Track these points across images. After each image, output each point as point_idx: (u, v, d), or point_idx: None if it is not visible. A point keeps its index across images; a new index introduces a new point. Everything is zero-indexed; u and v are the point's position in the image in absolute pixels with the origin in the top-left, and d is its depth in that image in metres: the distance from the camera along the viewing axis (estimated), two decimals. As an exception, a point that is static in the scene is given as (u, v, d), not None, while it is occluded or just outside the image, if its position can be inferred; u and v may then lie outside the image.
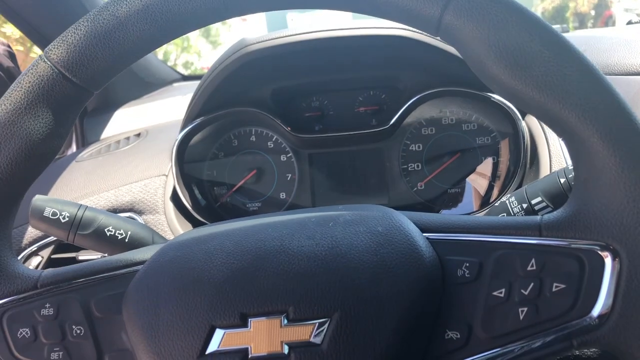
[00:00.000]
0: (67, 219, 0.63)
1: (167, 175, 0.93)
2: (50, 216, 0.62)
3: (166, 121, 1.18)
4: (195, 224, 0.90)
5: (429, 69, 0.88)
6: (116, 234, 0.64)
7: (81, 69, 0.44)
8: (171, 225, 0.87)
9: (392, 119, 0.90)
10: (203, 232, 0.50)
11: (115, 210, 0.89)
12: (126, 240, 0.64)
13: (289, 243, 0.45)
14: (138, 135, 1.13)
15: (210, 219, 0.91)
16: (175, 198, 0.90)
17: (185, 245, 0.48)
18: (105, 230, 0.64)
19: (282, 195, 0.96)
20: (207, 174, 0.97)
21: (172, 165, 0.90)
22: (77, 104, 0.47)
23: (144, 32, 0.44)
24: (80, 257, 0.87)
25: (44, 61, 0.44)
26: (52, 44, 0.45)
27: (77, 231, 0.63)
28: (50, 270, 0.50)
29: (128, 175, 0.95)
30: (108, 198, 0.91)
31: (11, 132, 0.45)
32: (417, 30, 0.82)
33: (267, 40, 0.83)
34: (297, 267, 0.43)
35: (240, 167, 0.96)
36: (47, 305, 0.48)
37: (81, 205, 0.65)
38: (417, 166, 0.92)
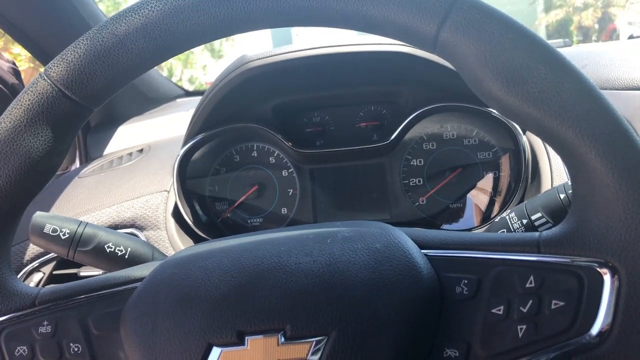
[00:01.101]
0: (67, 235, 0.63)
1: (168, 191, 0.93)
2: (50, 233, 0.63)
3: (169, 137, 1.19)
4: (197, 239, 0.90)
5: (430, 84, 0.89)
6: (116, 251, 0.64)
7: (80, 86, 0.45)
8: (172, 242, 0.87)
9: (393, 134, 0.90)
10: (201, 249, 0.50)
11: (116, 226, 0.89)
12: (126, 256, 0.64)
13: (287, 260, 0.45)
14: (140, 151, 1.14)
15: (212, 234, 0.91)
16: (176, 214, 0.91)
17: (183, 263, 0.48)
18: (105, 246, 0.64)
19: (284, 211, 0.96)
20: (208, 190, 0.97)
21: (173, 181, 0.90)
22: (77, 121, 0.48)
23: (143, 50, 0.44)
24: (82, 274, 0.87)
25: (44, 79, 0.45)
26: (51, 62, 0.45)
27: (77, 248, 0.63)
28: (48, 287, 0.50)
29: (130, 191, 0.95)
30: (110, 214, 0.91)
31: (11, 150, 0.45)
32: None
33: (267, 57, 0.83)
34: (295, 285, 0.43)
35: (241, 183, 0.96)
36: (45, 323, 0.48)
37: (81, 221, 0.65)
38: (419, 181, 0.92)
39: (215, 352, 0.42)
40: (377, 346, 0.41)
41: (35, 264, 0.88)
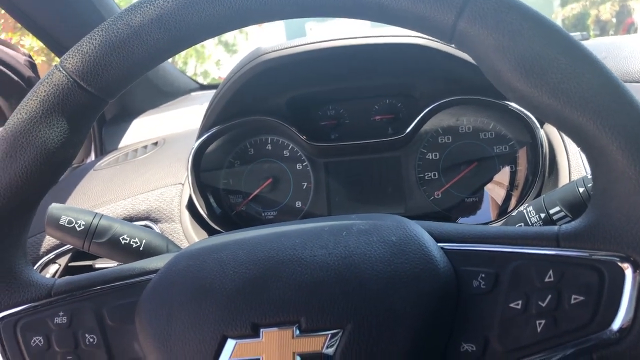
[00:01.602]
0: (82, 227, 0.63)
1: (183, 184, 0.93)
2: (65, 224, 0.63)
3: (183, 130, 1.19)
4: (211, 232, 0.90)
5: (446, 77, 0.88)
6: (131, 243, 0.64)
7: (96, 78, 0.45)
8: (187, 234, 0.87)
9: (408, 127, 0.89)
10: (216, 241, 0.50)
11: (131, 219, 0.90)
12: (141, 248, 0.64)
13: (302, 252, 0.45)
14: (155, 144, 1.14)
15: (226, 227, 0.91)
16: (191, 207, 0.91)
17: (198, 254, 0.48)
18: (120, 238, 0.64)
19: (298, 204, 0.95)
20: (223, 183, 0.97)
21: (188, 174, 0.90)
22: (92, 113, 0.48)
23: (158, 41, 0.44)
24: (97, 265, 0.88)
25: (59, 70, 0.45)
26: (67, 53, 0.45)
27: (92, 239, 0.63)
28: (64, 278, 0.50)
29: (145, 183, 0.95)
30: (125, 206, 0.91)
31: (27, 141, 0.45)
32: (434, 38, 0.82)
33: (282, 49, 0.83)
34: (310, 277, 0.43)
35: (256, 176, 0.96)
36: (61, 313, 0.48)
37: (97, 213, 0.65)
38: (434, 175, 0.91)
39: (230, 343, 0.42)
40: (392, 340, 0.41)
41: (51, 255, 0.89)
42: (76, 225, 0.63)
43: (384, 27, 0.84)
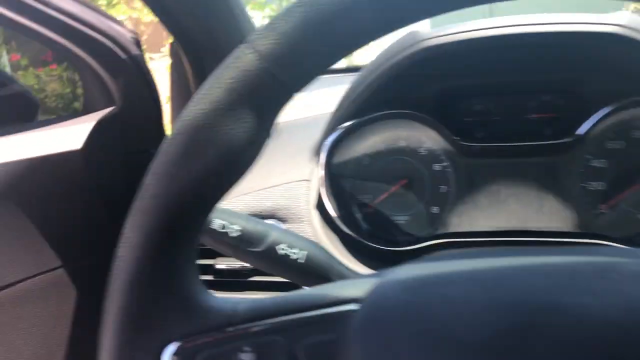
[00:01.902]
0: (236, 233, 0.55)
1: (309, 181, 0.84)
2: (218, 229, 0.55)
3: (297, 118, 1.10)
4: (340, 236, 0.82)
5: (627, 74, 0.75)
6: (290, 254, 0.55)
7: (292, 63, 0.36)
8: (318, 237, 0.78)
9: (572, 129, 0.77)
10: (432, 270, 0.40)
11: (256, 216, 0.82)
12: (301, 262, 0.55)
13: (562, 298, 0.35)
14: (270, 132, 1.06)
15: (356, 231, 0.82)
16: (320, 207, 0.82)
17: (416, 287, 0.38)
18: (279, 248, 0.55)
19: (435, 210, 0.85)
20: (352, 181, 0.87)
21: (317, 171, 0.82)
22: (279, 106, 0.39)
23: (369, 20, 0.35)
24: (218, 266, 0.80)
25: (250, 53, 0.36)
26: (258, 32, 0.36)
27: (247, 248, 0.55)
28: (246, 302, 0.42)
29: (266, 177, 0.87)
30: (247, 202, 0.83)
31: (210, 137, 0.36)
32: (627, 25, 0.70)
33: (448, 34, 0.72)
34: (583, 333, 0.33)
35: (388, 175, 0.86)
36: (247, 348, 0.39)
37: (250, 217, 0.57)
38: (601, 186, 0.79)
39: None
40: None
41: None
42: (229, 231, 0.55)
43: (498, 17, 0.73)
